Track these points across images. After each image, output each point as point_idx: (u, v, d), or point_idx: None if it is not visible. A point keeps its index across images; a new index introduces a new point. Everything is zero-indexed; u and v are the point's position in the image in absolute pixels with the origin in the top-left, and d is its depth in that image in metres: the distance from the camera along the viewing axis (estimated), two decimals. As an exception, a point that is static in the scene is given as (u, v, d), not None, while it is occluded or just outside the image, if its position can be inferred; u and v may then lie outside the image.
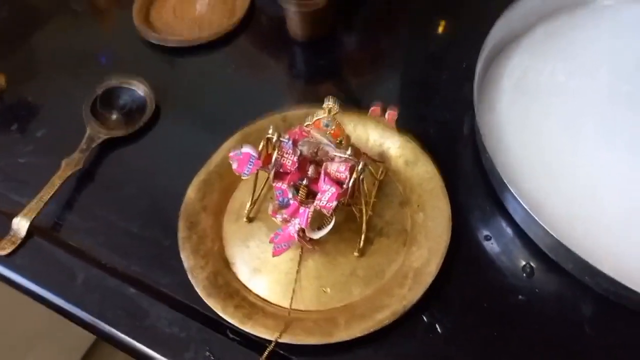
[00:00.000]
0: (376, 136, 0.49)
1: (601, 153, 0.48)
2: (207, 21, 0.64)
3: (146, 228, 0.47)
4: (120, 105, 0.56)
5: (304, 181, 0.41)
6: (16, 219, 0.47)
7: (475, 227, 0.46)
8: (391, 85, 0.58)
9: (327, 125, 0.41)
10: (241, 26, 0.63)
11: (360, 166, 0.39)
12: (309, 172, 0.41)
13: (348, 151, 0.39)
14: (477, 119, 0.45)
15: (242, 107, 0.56)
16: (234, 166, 0.41)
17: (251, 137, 0.49)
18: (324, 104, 0.41)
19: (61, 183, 0.48)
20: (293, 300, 0.41)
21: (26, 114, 0.57)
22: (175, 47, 0.61)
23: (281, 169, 0.41)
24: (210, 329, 0.41)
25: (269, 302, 0.42)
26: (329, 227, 0.40)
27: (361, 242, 0.43)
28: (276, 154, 0.40)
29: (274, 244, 0.40)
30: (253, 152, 0.41)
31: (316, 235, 0.40)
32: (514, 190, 0.41)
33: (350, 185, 0.39)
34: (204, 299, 0.41)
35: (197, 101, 0.58)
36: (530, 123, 0.50)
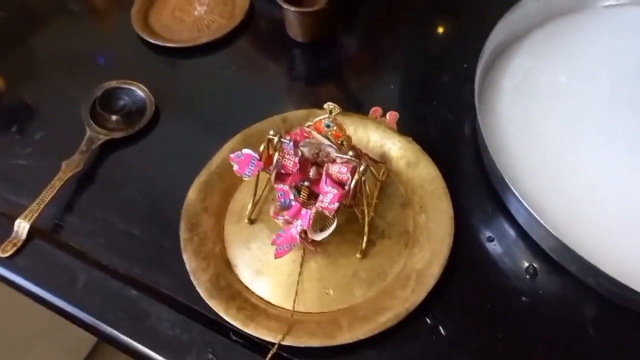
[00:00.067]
0: (377, 137, 0.49)
1: (602, 154, 0.48)
2: (206, 23, 0.64)
3: (147, 230, 0.47)
4: (120, 107, 0.56)
5: (306, 182, 0.41)
6: (17, 221, 0.46)
7: (478, 228, 0.46)
8: (392, 86, 0.58)
9: (328, 126, 0.41)
10: (241, 28, 0.63)
11: (362, 167, 0.39)
12: (311, 174, 0.41)
13: (350, 152, 0.39)
14: (478, 119, 0.45)
15: (242, 109, 0.56)
16: (235, 168, 0.41)
17: (252, 138, 0.49)
18: (325, 106, 0.41)
19: (61, 185, 0.48)
20: (295, 302, 0.41)
21: (25, 115, 0.57)
22: (174, 48, 0.61)
23: (282, 170, 0.41)
24: (212, 331, 0.41)
25: (272, 304, 0.42)
26: (331, 229, 0.40)
27: (363, 243, 0.43)
28: (277, 155, 0.40)
29: (276, 246, 0.40)
30: (254, 154, 0.40)
31: (318, 237, 0.40)
32: (517, 191, 0.41)
33: (352, 186, 0.39)
34: (206, 300, 0.41)
35: (197, 102, 0.57)
36: (531, 124, 0.50)
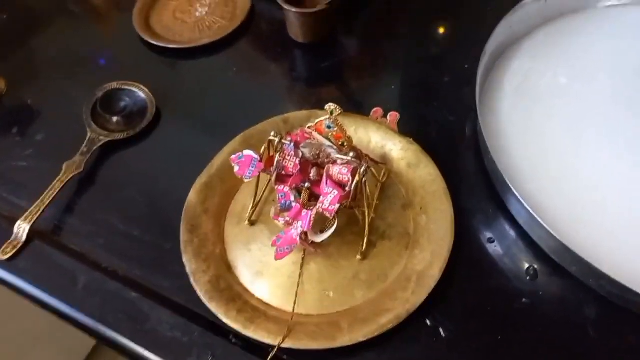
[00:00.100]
0: (378, 138, 0.49)
1: (603, 154, 0.48)
2: (207, 24, 0.64)
3: (147, 231, 0.47)
4: (121, 108, 0.56)
5: (306, 184, 0.41)
6: (17, 222, 0.46)
7: (478, 229, 0.45)
8: (392, 87, 0.58)
9: (329, 127, 0.41)
10: (242, 29, 0.63)
11: (362, 169, 0.39)
12: (311, 175, 0.41)
13: (350, 153, 0.39)
14: (479, 120, 0.45)
15: (243, 110, 0.56)
16: (236, 169, 0.41)
17: (253, 139, 0.49)
18: (326, 107, 0.41)
19: (62, 186, 0.48)
20: (296, 304, 0.41)
21: (26, 117, 0.57)
22: (175, 49, 0.61)
23: (283, 172, 0.41)
24: (212, 333, 0.41)
25: (272, 306, 0.41)
26: (331, 230, 0.40)
27: (364, 245, 0.43)
28: (278, 156, 0.40)
29: (276, 247, 0.40)
30: (255, 155, 0.40)
31: (319, 239, 0.40)
32: (517, 192, 0.41)
33: (352, 187, 0.39)
34: (206, 303, 0.41)
35: (198, 104, 0.57)
36: (532, 125, 0.50)
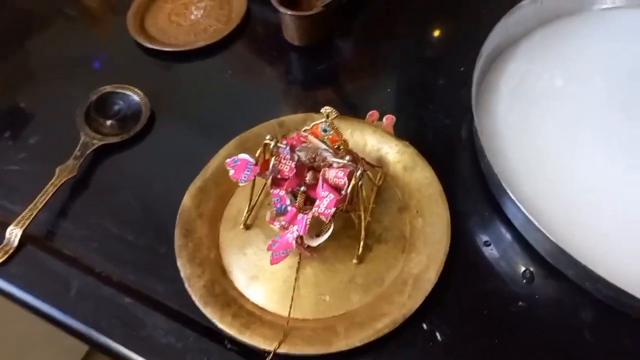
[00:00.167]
0: (374, 141, 0.49)
1: (598, 156, 0.48)
2: (203, 27, 0.64)
3: (141, 236, 0.47)
4: (115, 111, 0.56)
5: (302, 187, 0.40)
6: (9, 227, 0.46)
7: (474, 232, 0.45)
8: (388, 90, 0.57)
9: (325, 130, 0.41)
10: (237, 31, 0.62)
11: (359, 172, 0.39)
12: (307, 178, 0.40)
13: (346, 157, 0.39)
14: (475, 123, 0.45)
15: (238, 113, 0.55)
16: (231, 173, 0.41)
17: (248, 143, 0.49)
18: (322, 110, 0.41)
19: (55, 190, 0.48)
20: (291, 309, 0.40)
21: (19, 120, 0.57)
22: (170, 52, 0.61)
23: (279, 175, 0.40)
24: (207, 338, 0.40)
25: (267, 311, 0.41)
26: (327, 234, 0.40)
27: (360, 248, 0.42)
28: (274, 160, 0.40)
29: (271, 252, 0.40)
30: (250, 159, 0.40)
31: (315, 243, 0.40)
32: (513, 195, 0.41)
33: (348, 191, 0.39)
34: (200, 308, 0.40)
35: (193, 107, 0.57)
36: (528, 127, 0.50)
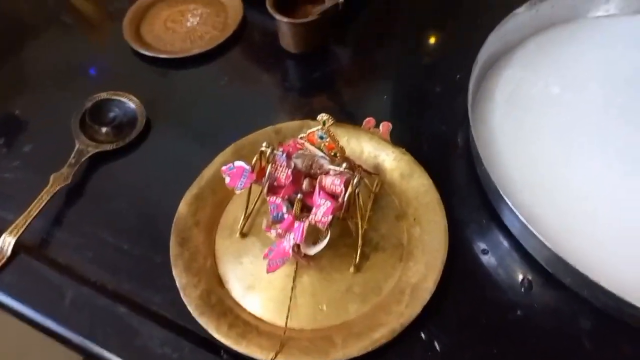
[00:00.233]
0: (370, 149, 0.49)
1: (594, 164, 0.48)
2: (199, 34, 0.64)
3: (137, 244, 0.46)
4: (110, 119, 0.55)
5: (299, 195, 0.40)
6: (3, 236, 0.45)
7: (472, 240, 0.45)
8: (385, 97, 0.57)
9: (321, 137, 0.41)
10: (234, 39, 0.62)
11: (355, 179, 0.38)
12: (304, 186, 0.40)
13: (343, 164, 0.39)
14: (472, 130, 0.45)
15: (234, 120, 0.55)
16: (227, 180, 0.40)
17: (244, 150, 0.48)
18: (318, 117, 0.41)
19: (49, 198, 0.47)
20: (288, 319, 0.40)
21: (14, 128, 0.56)
22: (166, 59, 0.60)
23: (275, 183, 0.40)
24: (203, 349, 0.40)
25: (264, 321, 0.41)
26: (324, 242, 0.39)
27: (357, 257, 0.42)
28: (270, 167, 0.40)
29: (268, 260, 0.39)
30: (247, 166, 0.40)
31: (311, 251, 0.39)
32: (510, 202, 0.41)
33: (345, 198, 0.38)
34: (196, 318, 0.40)
35: (188, 114, 0.57)
36: (524, 135, 0.50)
